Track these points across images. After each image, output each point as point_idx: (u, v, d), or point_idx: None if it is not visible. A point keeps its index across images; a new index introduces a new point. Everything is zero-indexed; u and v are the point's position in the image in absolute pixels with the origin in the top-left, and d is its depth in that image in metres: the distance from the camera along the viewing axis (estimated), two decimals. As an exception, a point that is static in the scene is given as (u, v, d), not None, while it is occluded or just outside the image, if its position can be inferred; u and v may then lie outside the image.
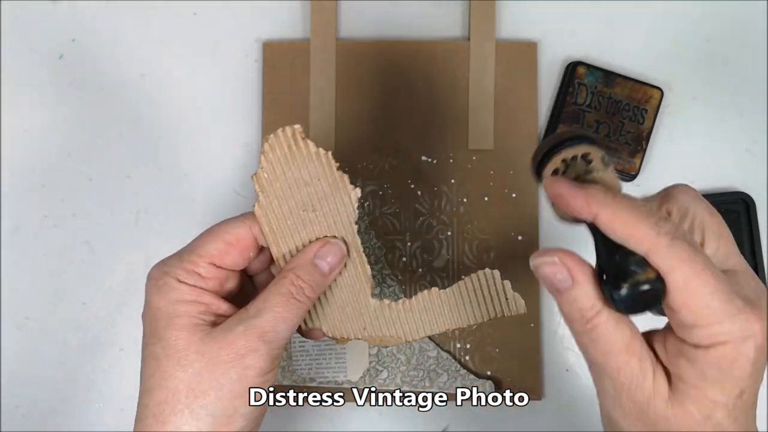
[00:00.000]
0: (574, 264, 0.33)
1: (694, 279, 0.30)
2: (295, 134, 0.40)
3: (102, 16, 0.58)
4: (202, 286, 0.39)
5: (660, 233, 0.31)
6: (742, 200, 0.57)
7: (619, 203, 0.32)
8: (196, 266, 0.39)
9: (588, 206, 0.33)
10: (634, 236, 0.31)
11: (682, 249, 0.31)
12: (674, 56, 0.59)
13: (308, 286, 0.39)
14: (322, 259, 0.40)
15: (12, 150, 0.58)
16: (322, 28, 0.57)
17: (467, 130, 0.57)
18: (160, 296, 0.38)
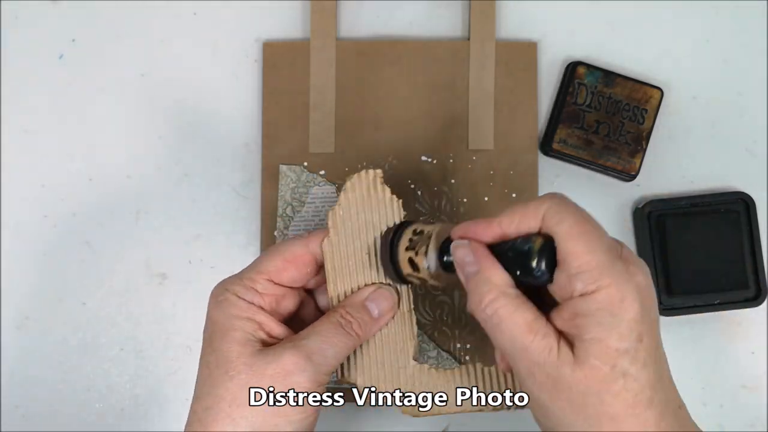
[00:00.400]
0: (482, 252, 0.36)
1: (578, 227, 0.33)
2: (375, 178, 0.42)
3: (102, 16, 0.58)
4: (259, 303, 0.41)
5: (545, 201, 0.35)
6: (742, 200, 0.57)
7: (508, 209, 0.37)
8: (254, 282, 0.41)
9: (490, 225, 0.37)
10: (526, 217, 0.35)
11: (566, 206, 0.34)
12: (674, 56, 0.59)
13: (356, 323, 0.40)
14: (372, 302, 0.41)
15: (12, 150, 0.58)
16: (322, 28, 0.57)
17: (467, 130, 0.57)
18: (219, 311, 0.41)
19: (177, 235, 0.58)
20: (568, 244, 0.34)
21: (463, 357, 0.56)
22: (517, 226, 0.36)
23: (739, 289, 0.56)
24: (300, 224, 0.56)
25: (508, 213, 0.36)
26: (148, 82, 0.58)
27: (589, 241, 0.33)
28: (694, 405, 0.58)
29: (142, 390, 0.57)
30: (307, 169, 0.57)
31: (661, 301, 0.56)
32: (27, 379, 0.57)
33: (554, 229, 0.34)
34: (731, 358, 0.58)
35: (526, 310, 0.35)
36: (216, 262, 0.57)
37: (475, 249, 0.36)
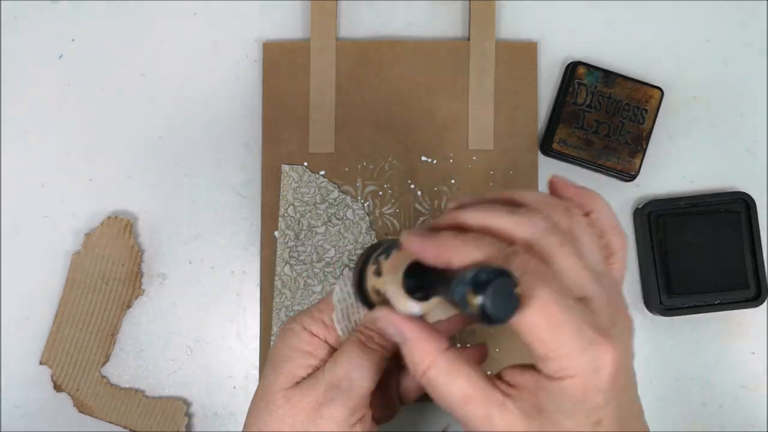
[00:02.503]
0: (402, 321, 0.35)
1: (541, 315, 0.31)
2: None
3: (102, 16, 0.58)
4: (324, 336, 0.39)
5: (515, 258, 0.32)
6: (742, 200, 0.57)
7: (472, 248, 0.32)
8: (321, 314, 0.40)
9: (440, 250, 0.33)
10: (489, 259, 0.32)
11: (531, 287, 0.31)
12: (674, 56, 0.59)
13: (377, 335, 0.39)
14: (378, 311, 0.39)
15: (12, 150, 0.58)
16: (322, 28, 0.57)
17: (467, 130, 0.57)
18: (282, 340, 0.40)
19: (177, 235, 0.58)
20: (533, 330, 0.31)
21: (463, 357, 0.56)
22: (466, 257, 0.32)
23: (739, 289, 0.56)
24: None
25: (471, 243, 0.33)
26: (148, 82, 0.58)
27: (556, 327, 0.31)
28: (694, 405, 0.58)
29: (142, 390, 0.57)
30: (307, 169, 0.57)
31: (661, 301, 0.56)
32: (27, 379, 0.57)
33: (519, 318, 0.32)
34: (731, 358, 0.58)
35: (462, 377, 0.33)
36: (216, 262, 0.57)
37: (393, 319, 0.35)
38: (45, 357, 0.56)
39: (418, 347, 0.34)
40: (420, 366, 0.34)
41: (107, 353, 0.56)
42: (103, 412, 0.56)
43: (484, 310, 0.29)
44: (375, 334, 0.39)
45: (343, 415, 0.37)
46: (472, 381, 0.33)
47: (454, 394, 0.33)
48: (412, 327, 0.35)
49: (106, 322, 0.56)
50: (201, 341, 0.57)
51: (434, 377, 0.34)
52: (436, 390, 0.34)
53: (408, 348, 0.35)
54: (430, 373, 0.34)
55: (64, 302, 0.56)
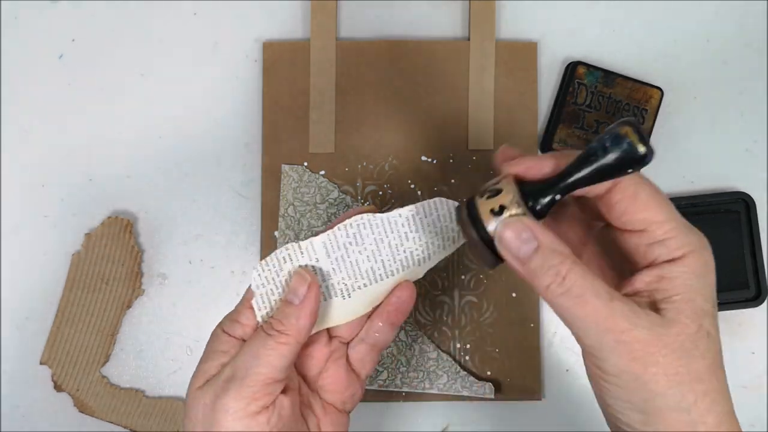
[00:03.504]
0: (535, 226, 0.34)
1: (655, 198, 0.34)
2: None
3: (102, 16, 0.58)
4: (241, 335, 0.40)
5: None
6: (742, 200, 0.57)
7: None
8: (238, 314, 0.40)
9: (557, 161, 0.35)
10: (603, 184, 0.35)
11: (639, 178, 0.35)
12: (674, 56, 0.59)
13: (276, 320, 0.39)
14: (291, 294, 0.39)
15: (12, 150, 0.58)
16: (322, 28, 0.57)
17: (467, 130, 0.57)
18: (206, 346, 0.41)
19: (177, 235, 0.58)
20: (649, 212, 0.34)
21: (463, 357, 0.56)
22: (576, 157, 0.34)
23: (739, 289, 0.56)
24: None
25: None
26: (148, 82, 0.58)
27: (668, 211, 0.35)
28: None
29: (142, 390, 0.57)
30: (307, 169, 0.57)
31: (661, 301, 0.56)
32: (27, 379, 0.57)
33: (632, 198, 0.35)
34: (731, 358, 0.58)
35: (599, 279, 0.33)
36: (216, 262, 0.57)
37: (528, 224, 0.34)
38: (45, 357, 0.56)
39: (558, 247, 0.33)
40: (563, 266, 0.33)
41: (107, 353, 0.56)
42: (103, 412, 0.56)
43: (644, 142, 0.32)
44: (275, 320, 0.38)
45: (237, 405, 0.36)
46: (611, 283, 0.34)
47: (602, 293, 0.33)
48: (545, 231, 0.34)
49: (106, 322, 0.56)
50: (201, 341, 0.57)
51: (580, 276, 0.33)
52: (583, 290, 0.33)
53: (544, 251, 0.33)
54: (575, 271, 0.33)
55: (64, 302, 0.56)
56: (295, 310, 0.39)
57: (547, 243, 0.33)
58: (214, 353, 0.40)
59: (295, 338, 0.38)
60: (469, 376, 0.56)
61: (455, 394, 0.56)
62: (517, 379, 0.56)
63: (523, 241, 0.33)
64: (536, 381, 0.56)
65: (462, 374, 0.56)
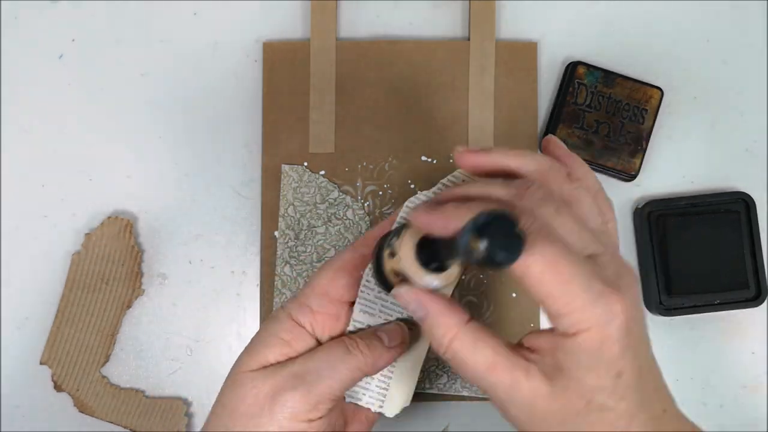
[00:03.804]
0: (423, 294, 0.35)
1: (549, 270, 0.32)
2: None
3: (102, 16, 0.58)
4: (310, 324, 0.39)
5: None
6: (742, 200, 0.57)
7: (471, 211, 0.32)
8: (308, 299, 0.40)
9: (448, 220, 0.33)
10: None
11: (538, 244, 0.31)
12: (674, 56, 0.59)
13: (363, 343, 0.39)
14: (383, 333, 0.40)
15: (12, 150, 0.58)
16: (322, 28, 0.57)
17: (467, 130, 0.57)
18: (265, 326, 0.40)
19: (177, 235, 0.58)
20: (544, 287, 0.32)
21: (463, 357, 0.56)
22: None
23: (739, 289, 0.56)
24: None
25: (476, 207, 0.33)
26: (148, 82, 0.58)
27: (565, 282, 0.32)
28: (695, 405, 0.58)
29: (142, 390, 0.57)
30: (307, 169, 0.57)
31: (661, 301, 0.56)
32: (27, 379, 0.57)
33: (525, 273, 0.32)
34: (731, 358, 0.58)
35: (486, 346, 0.34)
36: (216, 262, 0.57)
37: (414, 295, 0.35)
38: (45, 357, 0.56)
39: (441, 320, 0.35)
40: (444, 338, 0.34)
41: (107, 353, 0.56)
42: (103, 412, 0.56)
43: (488, 252, 0.29)
44: (363, 342, 0.39)
45: (301, 406, 0.37)
46: (497, 350, 0.34)
47: (480, 363, 0.34)
48: (433, 300, 0.35)
49: (106, 322, 0.56)
50: (201, 341, 0.57)
51: (459, 349, 0.34)
52: (461, 361, 0.34)
53: (430, 322, 0.35)
54: (455, 345, 0.34)
55: (64, 302, 0.56)
56: (381, 349, 0.39)
57: (432, 312, 0.35)
58: (274, 339, 0.39)
59: (370, 370, 0.39)
60: (469, 376, 0.56)
61: (455, 394, 0.56)
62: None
63: (414, 308, 0.35)
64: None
65: (462, 374, 0.56)
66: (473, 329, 0.34)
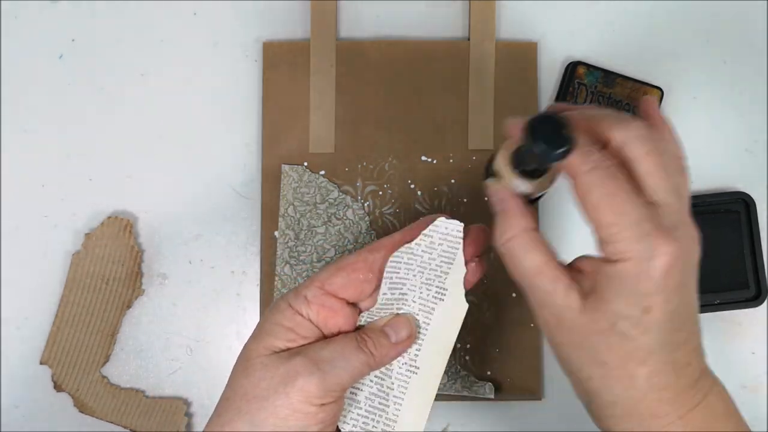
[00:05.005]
0: (507, 194, 0.39)
1: (606, 200, 0.35)
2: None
3: (102, 16, 0.58)
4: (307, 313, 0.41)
5: (584, 162, 0.36)
6: (742, 200, 0.57)
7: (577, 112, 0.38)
8: (304, 289, 0.41)
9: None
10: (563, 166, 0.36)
11: (598, 176, 0.35)
12: (674, 56, 0.59)
13: (372, 342, 0.41)
14: (390, 328, 0.42)
15: (12, 150, 0.58)
16: (322, 28, 0.57)
17: (467, 130, 0.57)
18: (266, 316, 0.42)
19: (177, 235, 0.58)
20: (596, 213, 0.35)
21: (463, 357, 0.56)
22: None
23: (739, 289, 0.56)
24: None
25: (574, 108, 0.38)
26: (148, 82, 0.58)
27: (617, 214, 0.35)
28: (694, 405, 0.58)
29: (142, 390, 0.57)
30: (307, 169, 0.57)
31: (661, 301, 0.56)
32: (27, 379, 0.57)
33: (584, 199, 0.36)
34: (731, 358, 0.58)
35: (538, 253, 0.37)
36: (216, 262, 0.57)
37: (503, 192, 0.39)
38: (45, 357, 0.56)
39: (511, 218, 0.38)
40: (506, 234, 0.38)
41: (107, 353, 0.56)
42: (103, 412, 0.56)
43: (532, 142, 0.33)
44: (371, 340, 0.41)
45: (315, 391, 0.38)
46: (546, 259, 0.37)
47: (530, 265, 0.37)
48: (513, 199, 0.38)
49: (106, 322, 0.56)
50: (201, 341, 0.57)
51: (516, 246, 0.37)
52: (514, 259, 0.38)
53: (503, 216, 0.38)
54: (513, 242, 0.38)
55: (64, 302, 0.56)
56: (388, 345, 0.41)
57: (508, 209, 0.38)
58: (278, 327, 0.41)
59: (378, 365, 0.41)
60: (470, 376, 0.56)
61: (455, 394, 0.56)
62: (517, 379, 0.56)
63: (497, 202, 0.39)
64: (536, 381, 0.56)
65: (462, 374, 0.56)
66: (534, 237, 0.38)
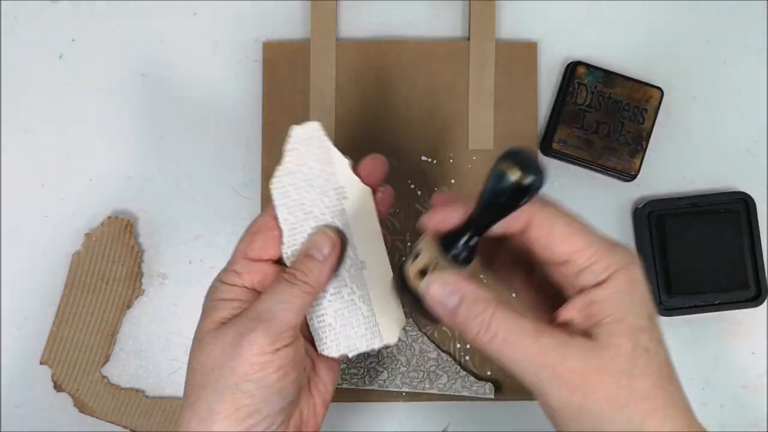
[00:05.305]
0: (457, 278, 0.36)
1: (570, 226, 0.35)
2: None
3: (102, 16, 0.58)
4: (242, 283, 0.42)
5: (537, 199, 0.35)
6: (742, 200, 0.57)
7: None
8: (233, 264, 0.42)
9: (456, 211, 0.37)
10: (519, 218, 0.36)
11: (554, 210, 0.35)
12: (674, 56, 0.59)
13: (300, 272, 0.41)
14: (313, 247, 0.42)
15: (12, 150, 0.58)
16: (322, 28, 0.57)
17: (467, 130, 0.57)
18: (207, 298, 0.43)
19: (177, 235, 0.58)
20: (568, 243, 0.35)
21: (463, 357, 0.56)
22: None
23: (739, 289, 0.56)
24: None
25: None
26: (148, 82, 0.58)
27: (587, 236, 0.35)
28: (695, 405, 0.58)
29: (142, 390, 0.57)
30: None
31: (661, 301, 0.56)
32: (27, 379, 0.57)
33: (548, 233, 0.35)
34: (731, 358, 0.58)
35: (526, 314, 0.35)
36: (216, 262, 0.57)
37: (449, 279, 0.36)
38: (45, 357, 0.56)
39: (480, 297, 0.35)
40: (486, 313, 0.34)
41: (107, 353, 0.56)
42: (103, 412, 0.56)
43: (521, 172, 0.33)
44: (299, 271, 0.41)
45: (264, 341, 0.39)
46: (537, 318, 0.35)
47: (530, 330, 0.34)
48: (467, 280, 0.36)
49: (106, 322, 0.56)
50: (201, 341, 0.57)
51: (503, 319, 0.34)
52: (508, 333, 0.34)
53: (467, 302, 0.35)
54: (498, 316, 0.34)
55: (64, 302, 0.56)
56: (318, 265, 0.41)
57: (469, 293, 0.35)
58: (220, 302, 0.41)
59: (316, 289, 0.41)
60: (469, 376, 0.56)
61: (455, 394, 0.56)
62: (517, 379, 0.56)
63: (448, 294, 0.35)
64: (536, 381, 0.56)
65: (462, 374, 0.56)
66: (510, 303, 0.35)
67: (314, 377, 0.44)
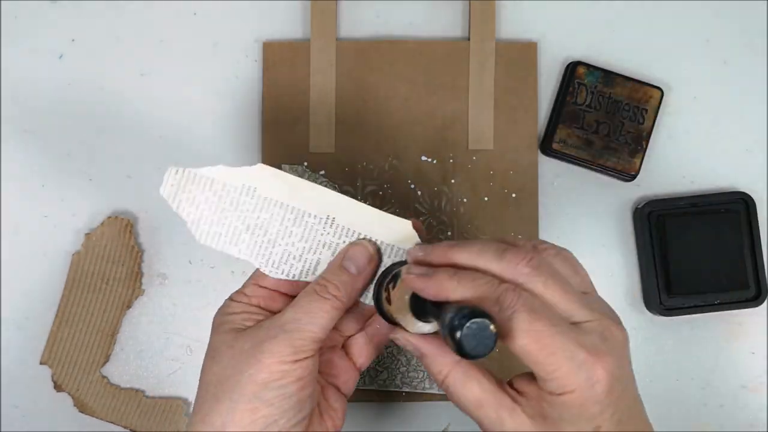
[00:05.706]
0: (417, 340, 0.40)
1: (534, 344, 0.35)
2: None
3: (102, 16, 0.58)
4: (252, 303, 0.42)
5: (503, 308, 0.36)
6: (742, 200, 0.57)
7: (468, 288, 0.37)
8: (245, 287, 0.43)
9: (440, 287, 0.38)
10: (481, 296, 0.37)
11: (522, 320, 0.35)
12: (674, 56, 0.59)
13: (332, 285, 0.41)
14: (348, 260, 0.42)
15: (12, 150, 0.58)
16: (322, 28, 0.57)
17: (467, 130, 0.57)
18: (218, 313, 0.43)
19: (177, 235, 0.58)
20: (531, 356, 0.36)
21: (463, 357, 0.56)
22: (462, 295, 0.37)
23: (739, 289, 0.56)
24: None
25: (466, 282, 0.37)
26: (148, 82, 0.58)
27: (550, 354, 0.35)
28: (695, 405, 0.58)
29: (142, 390, 0.57)
30: (307, 169, 0.57)
31: (661, 301, 0.56)
32: (27, 379, 0.57)
33: (515, 341, 0.36)
34: (731, 358, 0.58)
35: (475, 383, 0.38)
36: (216, 262, 0.57)
37: (410, 340, 0.40)
38: (45, 357, 0.56)
39: (436, 359, 0.39)
40: (440, 375, 0.39)
41: (107, 353, 0.56)
42: (103, 412, 0.56)
43: (460, 349, 0.34)
44: (331, 284, 0.41)
45: (286, 350, 0.38)
46: (484, 387, 0.38)
47: (469, 399, 0.38)
48: (426, 343, 0.39)
49: (106, 322, 0.56)
50: (201, 341, 0.57)
51: (452, 384, 0.38)
52: (454, 395, 0.39)
53: (427, 361, 0.39)
54: (448, 380, 0.39)
55: (64, 302, 0.56)
56: (352, 279, 0.41)
57: (427, 354, 0.39)
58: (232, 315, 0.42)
59: (347, 305, 0.41)
60: (469, 376, 0.56)
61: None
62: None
63: (411, 348, 0.40)
64: (536, 381, 0.56)
65: (462, 374, 0.56)
66: (464, 368, 0.38)
67: (323, 402, 0.43)
